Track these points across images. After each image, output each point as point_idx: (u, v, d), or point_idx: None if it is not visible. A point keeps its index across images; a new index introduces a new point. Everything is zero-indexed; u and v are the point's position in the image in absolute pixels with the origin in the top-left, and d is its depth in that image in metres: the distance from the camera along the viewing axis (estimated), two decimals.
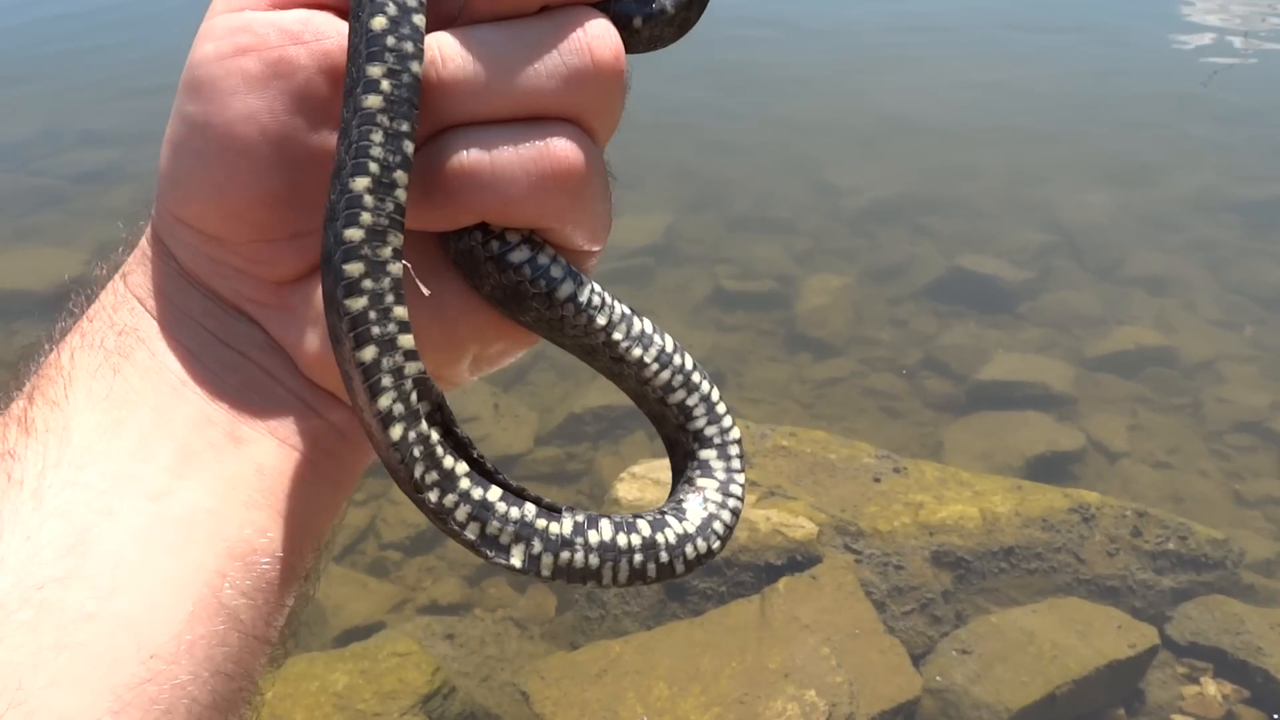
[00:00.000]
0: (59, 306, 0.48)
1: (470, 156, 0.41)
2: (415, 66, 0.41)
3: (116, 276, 0.46)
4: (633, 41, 0.45)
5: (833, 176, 5.86)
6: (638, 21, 0.46)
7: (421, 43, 0.41)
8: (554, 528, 0.43)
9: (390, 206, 0.40)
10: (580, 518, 0.44)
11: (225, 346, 0.44)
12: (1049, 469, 3.53)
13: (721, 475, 0.48)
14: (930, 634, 2.73)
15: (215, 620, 0.40)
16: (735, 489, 0.48)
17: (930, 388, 4.10)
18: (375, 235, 0.39)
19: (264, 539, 0.43)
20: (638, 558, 0.44)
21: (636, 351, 0.46)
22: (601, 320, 0.45)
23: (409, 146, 0.40)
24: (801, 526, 2.88)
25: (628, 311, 0.46)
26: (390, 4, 0.41)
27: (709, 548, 0.46)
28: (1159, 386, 4.06)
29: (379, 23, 0.40)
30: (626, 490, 2.97)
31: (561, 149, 0.42)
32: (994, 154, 6.19)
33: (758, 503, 2.97)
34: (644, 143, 6.07)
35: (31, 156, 6.37)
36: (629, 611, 2.80)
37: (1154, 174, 5.88)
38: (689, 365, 0.48)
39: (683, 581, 2.81)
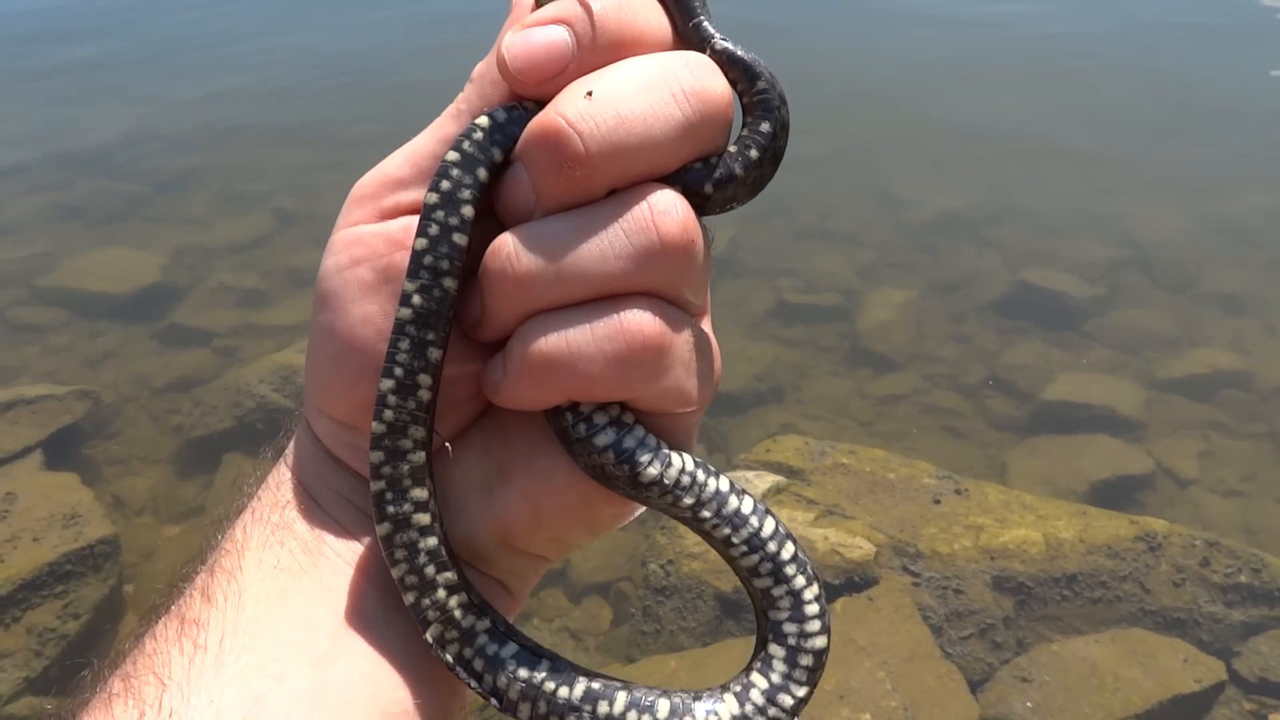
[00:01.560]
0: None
1: (549, 342, 0.44)
2: (448, 282, 0.45)
3: (280, 461, 0.52)
4: (705, 206, 0.46)
5: (897, 189, 5.81)
6: (709, 188, 0.46)
7: (459, 259, 0.45)
8: (563, 692, 0.45)
9: (412, 405, 0.45)
10: (597, 685, 0.45)
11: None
12: (1115, 494, 3.46)
13: (778, 679, 0.47)
14: (990, 661, 2.70)
15: None
16: (785, 699, 0.46)
17: (994, 407, 4.04)
18: (396, 430, 0.45)
19: (416, 701, 0.47)
20: None
21: (725, 531, 0.47)
22: (689, 500, 0.46)
23: (435, 353, 0.45)
24: (859, 547, 2.87)
25: (723, 489, 0.47)
26: (433, 224, 0.45)
27: None
28: (1234, 411, 3.95)
29: (420, 242, 0.45)
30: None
31: (635, 323, 0.44)
32: (1062, 165, 6.07)
33: (815, 521, 2.96)
34: None
35: (115, 163, 6.60)
36: (685, 628, 2.81)
37: (1231, 187, 5.72)
38: (785, 554, 0.47)
39: (738, 599, 2.81)
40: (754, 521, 0.47)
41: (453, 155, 0.46)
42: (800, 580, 0.47)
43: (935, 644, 2.65)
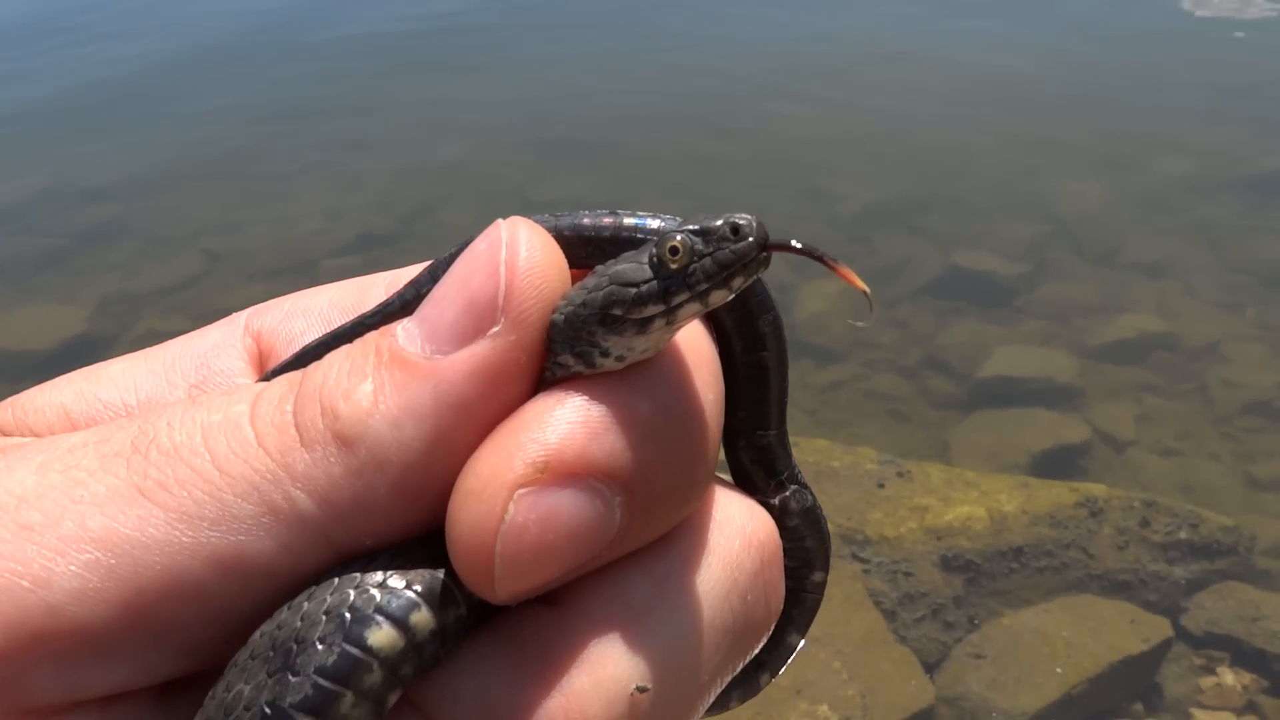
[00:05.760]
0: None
1: None
2: None
3: None
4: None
5: (825, 183, 5.86)
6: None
7: None
8: None
9: None
10: None
11: None
12: (1057, 464, 3.50)
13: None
14: (943, 640, 2.71)
15: None
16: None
17: (934, 387, 4.08)
18: None
19: None
20: None
21: None
22: None
23: None
24: None
25: None
26: None
27: None
28: (1164, 372, 4.04)
29: None
30: None
31: None
32: (984, 149, 6.18)
33: None
34: (637, 160, 6.09)
35: (35, 216, 6.44)
36: None
37: (1146, 157, 5.85)
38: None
39: None
40: None
41: None
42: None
43: (889, 629, 2.66)
